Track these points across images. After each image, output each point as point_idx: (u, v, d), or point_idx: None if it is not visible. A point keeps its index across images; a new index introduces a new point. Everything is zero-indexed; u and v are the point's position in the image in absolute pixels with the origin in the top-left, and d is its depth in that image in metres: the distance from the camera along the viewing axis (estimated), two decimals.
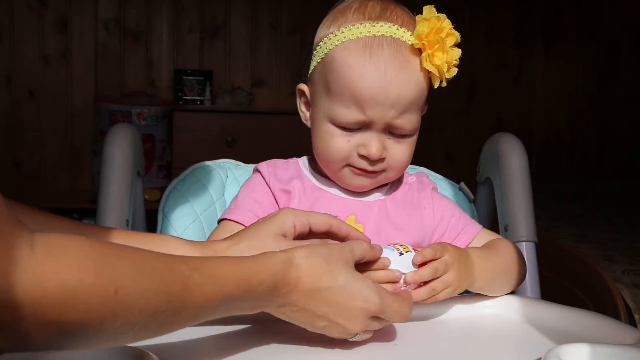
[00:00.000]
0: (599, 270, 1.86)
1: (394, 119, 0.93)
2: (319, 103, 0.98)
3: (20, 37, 3.17)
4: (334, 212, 0.98)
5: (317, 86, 0.98)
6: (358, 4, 0.97)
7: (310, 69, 1.00)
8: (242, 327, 0.85)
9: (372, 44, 0.92)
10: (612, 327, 0.83)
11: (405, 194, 1.04)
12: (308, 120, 1.03)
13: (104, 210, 1.08)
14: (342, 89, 0.93)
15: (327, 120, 0.96)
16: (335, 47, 0.94)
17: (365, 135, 0.94)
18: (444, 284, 0.86)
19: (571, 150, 3.74)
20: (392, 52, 0.92)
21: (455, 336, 0.86)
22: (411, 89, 0.92)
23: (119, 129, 1.15)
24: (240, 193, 1.03)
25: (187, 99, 3.21)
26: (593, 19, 3.69)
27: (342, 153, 0.96)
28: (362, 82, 0.91)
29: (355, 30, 0.93)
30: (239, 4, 3.36)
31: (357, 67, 0.92)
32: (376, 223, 0.99)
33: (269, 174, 1.02)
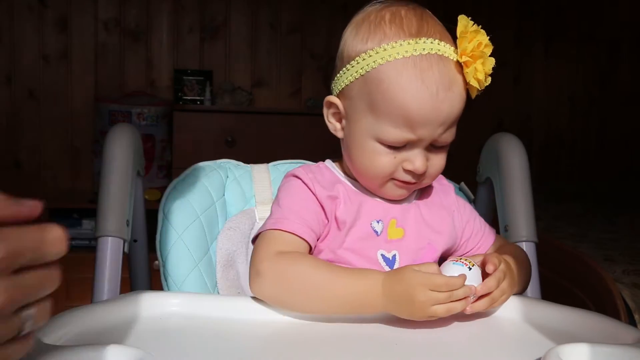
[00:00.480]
0: (599, 270, 1.86)
1: (441, 135, 0.95)
2: (359, 120, 0.96)
3: (20, 37, 3.17)
4: (378, 216, 0.99)
5: (357, 102, 0.96)
6: (391, 15, 0.96)
7: (342, 82, 0.98)
8: (242, 327, 0.85)
9: (421, 63, 0.92)
10: (612, 327, 0.83)
11: (433, 196, 1.06)
12: (338, 131, 1.02)
13: (104, 210, 1.08)
14: (393, 110, 0.92)
15: (371, 139, 0.95)
16: (380, 65, 0.93)
17: (410, 151, 0.95)
18: (502, 292, 0.91)
19: (571, 151, 3.74)
20: (441, 71, 0.92)
21: (456, 336, 0.86)
22: (458, 106, 0.95)
23: (119, 129, 1.15)
24: (284, 201, 0.99)
25: (187, 99, 3.21)
26: (593, 19, 3.69)
27: (388, 169, 0.96)
28: (416, 104, 0.91)
29: (400, 48, 0.92)
30: (239, 4, 3.36)
31: (410, 88, 0.91)
32: (415, 226, 1.00)
33: (311, 180, 0.99)
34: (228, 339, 0.82)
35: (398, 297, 0.86)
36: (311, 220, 0.96)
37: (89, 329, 0.79)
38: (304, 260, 0.92)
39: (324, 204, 0.98)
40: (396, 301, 0.86)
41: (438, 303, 0.85)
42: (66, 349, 0.67)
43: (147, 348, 0.67)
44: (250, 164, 1.24)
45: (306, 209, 0.97)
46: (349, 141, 1.00)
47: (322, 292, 0.88)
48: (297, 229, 0.95)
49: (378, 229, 0.98)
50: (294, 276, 0.90)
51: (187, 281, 1.09)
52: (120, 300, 0.89)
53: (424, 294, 0.84)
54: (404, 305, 0.86)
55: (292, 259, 0.91)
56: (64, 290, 2.80)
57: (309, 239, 0.95)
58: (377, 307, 0.87)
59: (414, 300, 0.85)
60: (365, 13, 0.98)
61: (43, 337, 0.71)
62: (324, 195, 0.98)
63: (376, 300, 0.87)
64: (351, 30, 0.98)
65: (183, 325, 0.85)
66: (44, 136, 3.22)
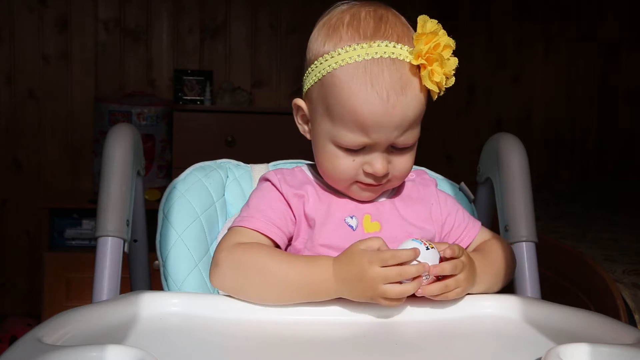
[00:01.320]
0: (599, 270, 1.86)
1: (398, 138, 0.94)
2: (319, 123, 0.98)
3: (20, 37, 3.17)
4: (350, 213, 0.99)
5: (317, 106, 0.98)
6: (350, 17, 0.96)
7: (306, 84, 1.00)
8: (242, 327, 0.85)
9: (371, 67, 0.91)
10: (612, 327, 0.83)
11: (410, 190, 1.06)
12: (307, 133, 1.04)
13: (104, 210, 1.08)
14: (345, 115, 0.93)
15: (330, 142, 0.96)
16: (333, 70, 0.93)
17: (369, 154, 0.95)
18: (456, 282, 0.89)
19: (571, 150, 3.73)
20: (392, 74, 0.91)
21: (456, 336, 0.86)
22: (413, 109, 0.93)
23: (119, 128, 1.15)
24: (251, 201, 1.01)
25: (187, 99, 3.21)
26: (593, 19, 3.69)
27: (349, 172, 0.97)
28: (366, 108, 0.91)
29: (353, 52, 0.92)
30: (239, 4, 3.35)
31: (360, 94, 0.91)
32: (391, 220, 1.00)
33: (279, 180, 1.01)
34: (228, 339, 0.82)
35: (348, 278, 0.87)
36: (277, 219, 0.97)
37: (89, 329, 0.79)
38: (260, 249, 0.93)
39: (291, 202, 0.99)
40: (347, 282, 0.87)
41: (388, 281, 0.85)
42: (66, 349, 0.67)
43: (147, 348, 0.67)
44: (250, 164, 1.24)
45: (272, 208, 0.98)
46: (313, 144, 1.01)
47: (277, 280, 0.89)
48: (261, 226, 0.96)
49: (353, 224, 0.99)
50: (249, 264, 0.91)
51: (187, 281, 1.09)
52: (120, 300, 0.89)
53: (372, 271, 0.85)
54: (355, 285, 0.86)
55: (249, 247, 0.93)
56: (64, 290, 2.80)
57: (274, 236, 0.96)
58: (330, 292, 0.88)
59: (363, 278, 0.85)
60: (328, 15, 1.00)
61: (43, 337, 0.71)
62: (291, 193, 1.00)
63: (329, 284, 0.88)
64: (315, 32, 1.00)
65: (183, 325, 0.85)
66: (44, 136, 3.22)
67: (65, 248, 2.94)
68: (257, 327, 0.85)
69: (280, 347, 0.80)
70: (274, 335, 0.83)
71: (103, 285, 1.03)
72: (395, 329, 0.86)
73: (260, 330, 0.84)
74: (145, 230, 1.28)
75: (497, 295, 0.97)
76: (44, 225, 2.93)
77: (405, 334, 0.84)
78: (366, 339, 0.83)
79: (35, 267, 3.12)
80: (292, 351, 0.79)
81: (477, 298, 0.95)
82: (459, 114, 3.59)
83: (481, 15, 3.57)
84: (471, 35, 3.53)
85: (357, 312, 0.89)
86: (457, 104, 3.57)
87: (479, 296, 0.95)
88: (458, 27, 3.53)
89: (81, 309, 0.83)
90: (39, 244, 3.09)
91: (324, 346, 0.80)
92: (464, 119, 3.60)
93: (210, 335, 0.82)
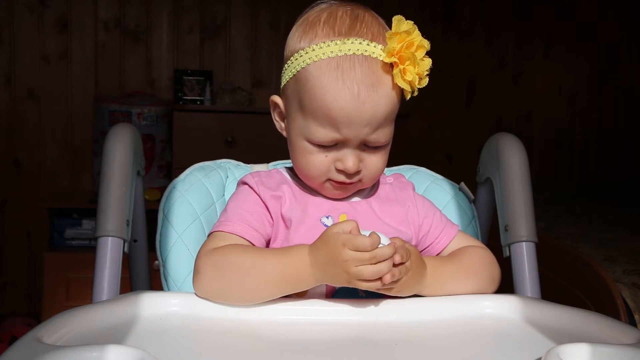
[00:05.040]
0: (599, 270, 1.86)
1: (369, 135, 0.95)
2: (294, 119, 0.99)
3: (20, 37, 3.17)
4: (326, 212, 1.00)
5: (291, 101, 0.99)
6: (327, 15, 0.97)
7: (283, 81, 1.01)
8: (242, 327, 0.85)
9: (343, 64, 0.93)
10: (612, 327, 0.83)
11: (387, 192, 1.07)
12: (284, 130, 1.05)
13: (104, 210, 1.08)
14: (316, 109, 0.94)
15: (303, 138, 0.97)
16: (307, 65, 0.95)
17: (341, 151, 0.96)
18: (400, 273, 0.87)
19: (571, 150, 3.74)
20: (364, 71, 0.92)
21: (456, 336, 0.86)
22: (384, 106, 0.94)
23: (119, 128, 1.15)
24: (229, 206, 1.02)
25: (187, 99, 3.21)
26: (593, 19, 3.69)
27: (321, 168, 0.98)
28: (336, 104, 0.92)
29: (327, 48, 0.94)
30: (239, 4, 3.36)
31: (331, 89, 0.92)
32: (367, 219, 1.01)
33: (256, 183, 1.02)
34: (228, 339, 0.82)
35: (323, 262, 0.87)
36: (254, 221, 0.98)
37: (89, 329, 0.79)
38: (235, 248, 0.94)
39: (268, 204, 1.00)
40: (322, 266, 0.87)
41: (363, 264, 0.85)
42: (66, 349, 0.67)
43: (147, 348, 0.67)
44: (250, 164, 1.24)
45: (249, 211, 0.99)
46: (288, 141, 1.02)
47: (255, 274, 0.90)
48: (239, 229, 0.97)
49: (329, 224, 0.99)
50: (226, 264, 0.91)
51: (187, 281, 1.09)
52: (120, 300, 0.89)
53: (346, 253, 0.85)
54: (330, 269, 0.87)
55: (224, 249, 0.93)
56: (64, 290, 2.80)
57: (252, 239, 0.97)
58: (309, 279, 0.89)
59: (337, 260, 0.86)
60: (307, 13, 1.01)
61: (43, 337, 0.71)
62: (268, 195, 1.00)
63: (306, 272, 0.88)
64: (293, 29, 1.01)
65: (183, 325, 0.85)
66: (44, 136, 3.22)
67: (65, 248, 2.95)
68: (256, 327, 0.85)
69: (280, 347, 0.80)
70: (274, 335, 0.83)
71: (103, 285, 1.03)
72: (395, 329, 0.86)
73: (260, 330, 0.84)
74: (145, 230, 1.27)
75: (497, 295, 0.97)
76: (44, 225, 2.93)
77: (405, 334, 0.84)
78: (366, 339, 0.83)
79: (35, 267, 3.12)
80: (291, 351, 0.79)
81: (477, 298, 0.95)
82: (459, 114, 3.59)
83: (481, 15, 3.57)
84: (471, 35, 3.53)
85: (357, 312, 0.89)
86: (457, 104, 3.58)
87: (479, 296, 0.95)
88: (458, 27, 3.54)
89: (81, 309, 0.83)
90: (39, 244, 3.09)
91: (324, 346, 0.80)
92: (464, 119, 3.60)
93: (210, 335, 0.82)
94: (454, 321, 0.89)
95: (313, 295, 0.95)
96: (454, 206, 1.22)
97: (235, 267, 0.91)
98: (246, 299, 0.90)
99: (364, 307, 0.90)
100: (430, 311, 0.91)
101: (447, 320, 0.89)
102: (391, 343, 0.82)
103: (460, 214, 1.22)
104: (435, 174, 1.28)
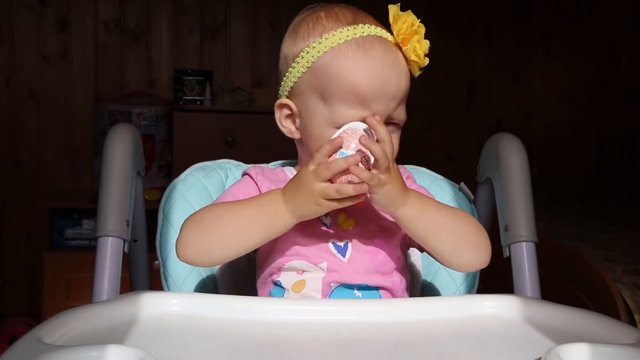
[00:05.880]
0: (599, 270, 1.86)
1: (394, 110, 0.97)
2: (314, 113, 0.99)
3: (20, 37, 3.17)
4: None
5: (308, 96, 0.99)
6: (326, 13, 1.00)
7: (292, 80, 1.01)
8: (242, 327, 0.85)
9: (363, 43, 0.96)
10: (612, 327, 0.83)
11: None
12: (294, 132, 1.04)
13: (104, 210, 1.08)
14: (345, 90, 0.95)
15: (330, 126, 0.97)
16: (324, 53, 0.96)
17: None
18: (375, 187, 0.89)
19: (571, 150, 3.74)
20: (383, 48, 0.97)
21: (456, 336, 0.86)
22: (404, 81, 0.98)
23: (119, 129, 1.15)
24: (227, 191, 1.04)
25: (187, 99, 3.21)
26: (593, 19, 3.69)
27: None
28: (367, 79, 0.95)
29: (341, 34, 0.97)
30: (239, 4, 3.36)
31: (357, 66, 0.95)
32: (366, 216, 1.01)
33: (256, 173, 1.03)
34: (228, 339, 0.82)
35: (293, 193, 0.91)
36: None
37: (89, 329, 0.79)
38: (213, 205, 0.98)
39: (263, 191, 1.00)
40: (293, 198, 0.91)
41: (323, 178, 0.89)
42: (66, 349, 0.67)
43: (147, 348, 0.67)
44: (250, 164, 1.24)
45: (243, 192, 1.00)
46: (307, 138, 1.01)
47: (234, 220, 0.93)
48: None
49: (327, 222, 0.99)
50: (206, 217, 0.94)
51: (187, 281, 1.09)
52: (120, 300, 0.89)
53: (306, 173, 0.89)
54: (299, 198, 0.90)
55: (204, 208, 0.97)
56: (64, 290, 2.80)
57: None
58: (286, 216, 0.91)
59: (302, 185, 0.89)
60: (300, 17, 1.04)
61: (43, 337, 0.71)
62: (265, 186, 1.01)
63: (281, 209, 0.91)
64: (289, 35, 1.03)
65: (183, 325, 0.85)
66: (44, 136, 3.22)
67: (65, 248, 2.94)
68: (256, 327, 0.85)
69: (280, 348, 0.80)
70: (274, 336, 0.83)
71: (103, 285, 1.03)
72: (395, 329, 0.86)
73: (260, 331, 0.84)
74: (145, 230, 1.27)
75: (497, 295, 0.97)
76: (44, 225, 2.93)
77: (405, 334, 0.84)
78: (366, 339, 0.83)
79: (35, 267, 3.12)
80: (291, 351, 0.79)
81: (477, 298, 0.95)
82: (459, 114, 3.59)
83: (481, 15, 3.57)
84: (471, 35, 3.53)
85: (357, 312, 0.89)
86: (457, 104, 3.57)
87: (479, 296, 0.95)
88: (458, 27, 3.54)
89: (81, 309, 0.83)
90: (39, 244, 3.09)
91: (324, 346, 0.80)
92: (464, 119, 3.60)
93: (210, 335, 0.82)
94: (454, 321, 0.89)
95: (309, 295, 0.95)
96: (454, 206, 1.22)
97: (214, 215, 0.94)
98: (225, 250, 0.93)
99: (364, 307, 0.90)
100: (430, 311, 0.91)
101: (447, 320, 0.89)
102: (391, 343, 0.82)
103: None
104: (435, 174, 1.28)
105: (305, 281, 0.97)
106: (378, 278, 0.98)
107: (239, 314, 0.88)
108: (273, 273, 0.99)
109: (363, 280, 0.97)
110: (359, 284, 0.97)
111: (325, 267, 0.97)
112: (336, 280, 0.97)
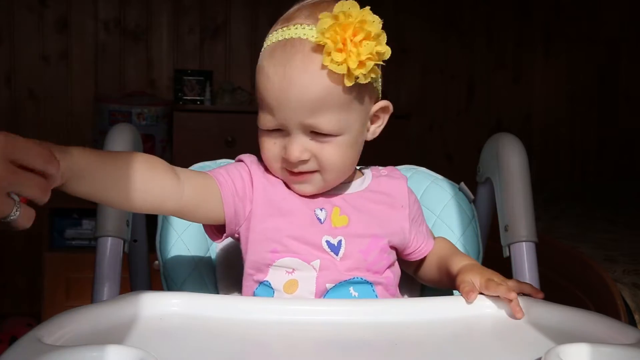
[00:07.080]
0: (599, 270, 1.86)
1: (307, 119, 0.93)
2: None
3: (20, 37, 3.17)
4: (320, 204, 0.99)
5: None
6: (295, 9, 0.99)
7: None
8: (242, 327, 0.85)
9: (276, 47, 0.95)
10: (612, 327, 0.83)
11: (379, 186, 1.05)
12: None
13: (104, 210, 1.08)
14: (258, 96, 0.97)
15: (259, 126, 0.98)
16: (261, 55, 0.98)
17: (286, 138, 0.96)
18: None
19: (571, 150, 3.74)
20: (295, 53, 0.92)
21: (456, 336, 0.86)
22: (315, 88, 0.92)
23: (119, 129, 1.15)
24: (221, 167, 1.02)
25: (187, 99, 3.21)
26: (593, 19, 3.69)
27: (270, 154, 0.98)
28: (265, 86, 0.94)
29: (272, 37, 0.97)
30: (239, 4, 3.36)
31: (262, 72, 0.95)
32: (359, 215, 1.00)
33: (251, 162, 1.01)
34: (228, 339, 0.82)
35: None
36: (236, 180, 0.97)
37: (89, 329, 0.79)
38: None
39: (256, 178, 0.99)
40: None
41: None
42: (66, 349, 0.67)
43: (147, 348, 0.67)
44: None
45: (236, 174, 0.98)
46: None
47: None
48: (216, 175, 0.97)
49: (322, 217, 0.99)
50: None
51: (187, 281, 1.09)
52: (120, 300, 0.89)
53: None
54: None
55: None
56: (64, 290, 2.80)
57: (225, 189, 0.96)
58: None
59: None
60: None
61: (43, 337, 0.71)
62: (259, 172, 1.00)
63: None
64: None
65: (183, 325, 0.85)
66: (44, 136, 3.18)
67: (65, 248, 2.94)
68: (256, 327, 0.85)
69: (280, 348, 0.80)
70: (274, 336, 0.83)
71: (103, 286, 1.03)
72: (395, 329, 0.86)
73: (260, 330, 0.84)
74: (145, 230, 1.28)
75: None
76: (44, 225, 2.93)
77: (405, 334, 0.84)
78: (366, 340, 0.83)
79: (35, 267, 3.12)
80: (291, 351, 0.79)
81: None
82: (459, 114, 3.59)
83: (481, 15, 3.57)
84: (471, 35, 3.53)
85: (357, 312, 0.89)
86: (457, 104, 3.57)
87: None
88: (458, 27, 3.54)
89: (81, 309, 0.83)
90: (39, 244, 3.09)
91: (324, 346, 0.80)
92: (464, 119, 3.60)
93: (210, 335, 0.82)
94: (454, 321, 0.89)
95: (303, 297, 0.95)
96: (454, 206, 1.22)
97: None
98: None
99: (364, 308, 0.90)
100: (430, 311, 0.91)
101: (447, 321, 0.89)
102: (391, 343, 0.82)
103: (460, 214, 1.22)
104: (435, 174, 1.28)
105: (297, 281, 0.96)
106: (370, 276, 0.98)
107: (239, 314, 0.88)
108: (259, 270, 0.98)
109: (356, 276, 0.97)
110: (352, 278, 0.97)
111: (318, 266, 0.96)
112: (329, 279, 0.96)
